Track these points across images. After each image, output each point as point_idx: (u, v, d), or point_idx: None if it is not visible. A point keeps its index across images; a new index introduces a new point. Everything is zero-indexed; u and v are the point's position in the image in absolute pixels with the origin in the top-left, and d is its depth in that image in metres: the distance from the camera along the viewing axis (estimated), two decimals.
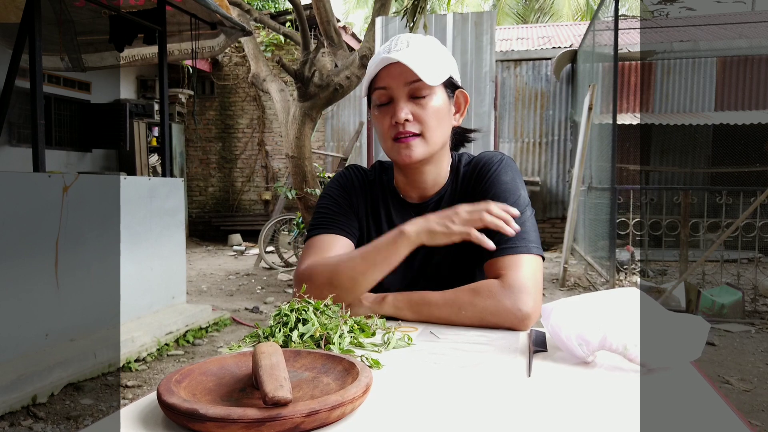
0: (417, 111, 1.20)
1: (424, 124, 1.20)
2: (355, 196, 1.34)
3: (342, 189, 1.34)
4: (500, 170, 1.25)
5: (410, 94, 1.20)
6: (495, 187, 1.23)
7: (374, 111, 1.25)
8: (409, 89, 1.19)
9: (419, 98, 1.20)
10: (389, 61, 1.17)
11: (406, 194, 1.33)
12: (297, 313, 1.04)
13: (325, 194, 1.36)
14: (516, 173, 1.27)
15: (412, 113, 1.19)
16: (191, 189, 11.20)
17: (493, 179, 1.24)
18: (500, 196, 1.22)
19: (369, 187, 1.36)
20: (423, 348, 1.01)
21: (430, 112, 1.20)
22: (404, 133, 1.19)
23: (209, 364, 0.81)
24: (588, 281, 6.66)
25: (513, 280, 1.12)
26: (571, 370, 0.88)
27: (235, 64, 10.85)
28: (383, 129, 1.23)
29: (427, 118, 1.20)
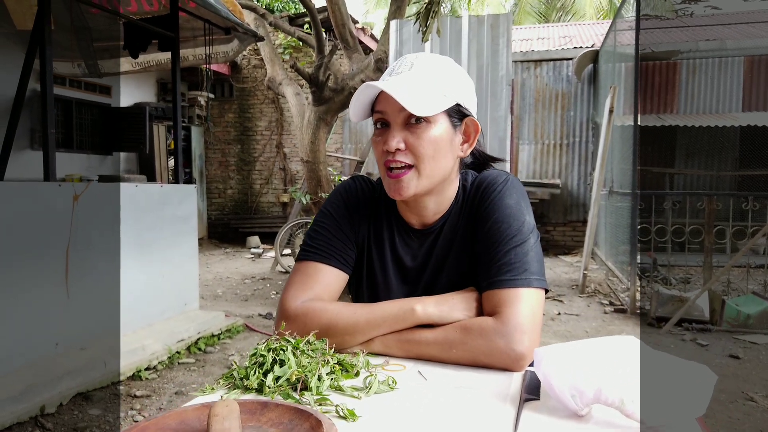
0: (411, 140, 1.11)
1: (417, 155, 1.11)
2: (358, 215, 1.25)
3: (345, 206, 1.25)
4: (504, 192, 1.17)
5: (405, 121, 1.11)
6: (498, 212, 1.15)
7: (374, 134, 1.18)
8: (404, 116, 1.11)
9: (416, 126, 1.11)
10: (373, 88, 1.10)
11: (408, 219, 1.24)
12: (274, 353, 0.99)
13: (325, 210, 1.26)
14: (521, 195, 1.18)
15: (405, 142, 1.11)
16: (210, 191, 11.27)
17: (496, 202, 1.16)
18: (503, 222, 1.14)
19: (374, 205, 1.27)
20: (406, 393, 0.94)
21: (425, 142, 1.11)
22: (395, 162, 1.11)
23: (168, 418, 0.76)
24: (609, 287, 6.51)
25: (508, 318, 1.05)
26: (562, 426, 0.81)
27: (254, 67, 10.88)
28: (377, 155, 1.16)
29: (421, 148, 1.10)
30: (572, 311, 5.47)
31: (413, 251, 1.24)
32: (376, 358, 1.11)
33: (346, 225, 1.24)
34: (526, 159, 10.28)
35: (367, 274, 1.27)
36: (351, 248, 1.24)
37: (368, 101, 1.14)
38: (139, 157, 9.65)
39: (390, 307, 1.12)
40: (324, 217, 1.25)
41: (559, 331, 4.76)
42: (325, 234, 1.22)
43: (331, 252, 1.20)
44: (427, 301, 1.11)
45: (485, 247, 1.14)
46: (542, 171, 10.25)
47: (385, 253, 1.25)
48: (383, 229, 1.26)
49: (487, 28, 4.91)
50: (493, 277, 1.10)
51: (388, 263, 1.25)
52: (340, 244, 1.22)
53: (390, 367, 1.06)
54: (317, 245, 1.21)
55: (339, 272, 1.21)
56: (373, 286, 1.26)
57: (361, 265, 1.26)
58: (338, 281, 1.21)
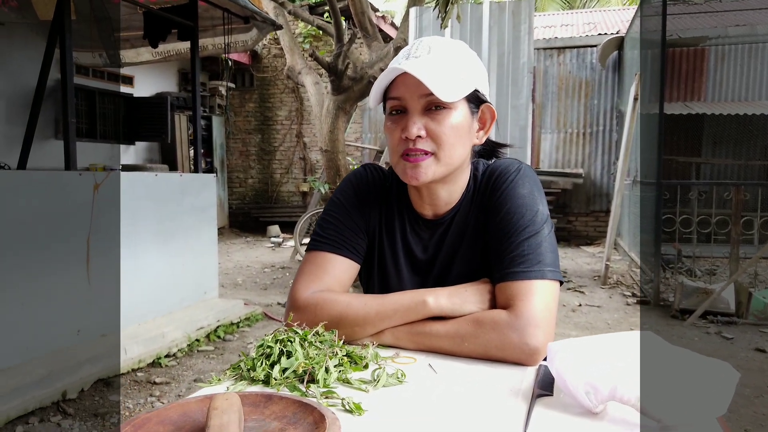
0: (432, 126, 1.07)
1: (438, 141, 1.08)
2: (368, 203, 1.23)
3: (355, 195, 1.23)
4: (517, 182, 1.13)
5: (426, 107, 1.08)
6: (510, 202, 1.12)
7: (387, 121, 1.13)
8: (426, 102, 1.07)
9: (436, 112, 1.08)
10: (399, 72, 1.06)
11: (419, 209, 1.22)
12: (281, 344, 0.97)
13: (336, 199, 1.24)
14: (534, 184, 1.15)
15: (426, 128, 1.07)
16: (231, 180, 11.34)
17: (509, 192, 1.13)
18: (516, 212, 1.10)
19: (385, 194, 1.24)
20: (415, 386, 0.92)
21: (446, 128, 1.08)
22: (414, 150, 1.08)
23: (170, 410, 0.75)
24: (632, 278, 6.41)
25: (521, 312, 1.02)
26: (576, 423, 0.78)
27: (274, 56, 10.88)
28: (393, 142, 1.11)
29: (442, 135, 1.07)
30: (593, 302, 5.40)
31: (424, 242, 1.22)
32: (387, 350, 1.09)
33: (356, 214, 1.21)
34: (548, 148, 10.14)
35: (378, 263, 1.24)
36: (362, 237, 1.21)
37: (384, 87, 1.11)
38: (161, 147, 9.74)
39: (401, 298, 1.09)
40: (334, 206, 1.22)
41: (579, 323, 4.70)
42: (335, 223, 1.20)
43: (341, 242, 1.18)
44: (439, 293, 1.09)
45: (498, 238, 1.11)
46: (565, 160, 10.11)
47: (396, 243, 1.22)
48: (395, 219, 1.23)
49: (509, 15, 4.82)
50: (506, 269, 1.07)
51: (399, 253, 1.22)
52: (350, 233, 1.20)
53: (400, 360, 1.04)
54: (327, 235, 1.19)
55: (350, 262, 1.19)
56: (384, 276, 1.24)
57: (372, 254, 1.24)
58: (349, 271, 1.19)
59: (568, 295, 5.71)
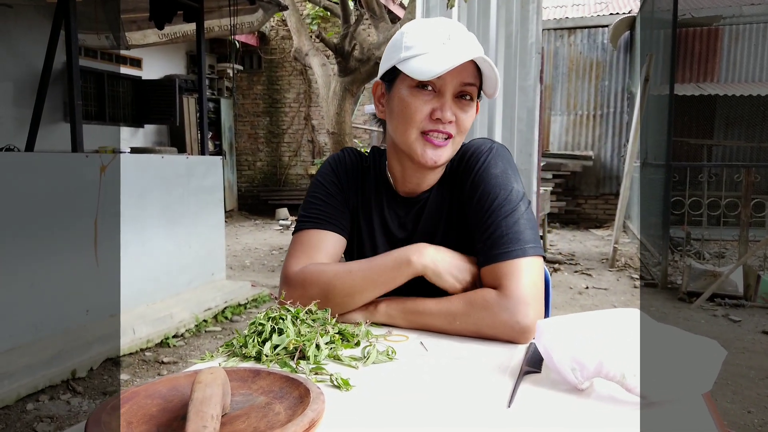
0: (459, 114, 1.10)
1: (460, 129, 1.11)
2: (348, 184, 1.25)
3: (335, 175, 1.25)
4: (489, 162, 1.15)
5: (458, 94, 1.09)
6: (484, 182, 1.13)
7: (402, 90, 1.10)
8: (461, 89, 1.09)
9: (466, 102, 1.10)
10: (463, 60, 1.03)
11: (398, 186, 1.23)
12: (273, 322, 0.98)
13: (317, 181, 1.26)
14: (507, 163, 1.16)
15: (455, 114, 1.10)
16: (240, 163, 11.36)
17: (483, 172, 1.14)
18: (491, 193, 1.12)
19: (363, 174, 1.27)
20: (406, 363, 0.93)
21: (470, 118, 1.12)
22: (443, 132, 1.10)
23: (159, 384, 0.76)
24: (640, 261, 6.38)
25: (511, 291, 1.03)
26: (561, 399, 0.79)
27: (282, 38, 10.82)
28: (415, 116, 1.09)
29: (464, 123, 1.11)
30: (601, 285, 5.39)
31: (401, 219, 1.24)
32: (380, 328, 1.10)
33: (337, 192, 1.24)
34: (558, 130, 10.06)
35: (357, 241, 1.27)
36: (345, 213, 1.24)
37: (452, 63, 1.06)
38: (170, 130, 9.77)
39: (384, 257, 1.11)
40: (316, 187, 1.25)
41: (585, 305, 4.70)
42: (318, 203, 1.22)
43: (326, 218, 1.20)
44: (423, 251, 1.09)
45: (476, 221, 1.13)
46: (574, 142, 10.03)
47: (373, 220, 1.25)
48: (372, 198, 1.25)
49: None
50: (488, 251, 1.09)
51: (376, 230, 1.25)
52: (333, 210, 1.21)
53: (392, 338, 1.05)
54: (312, 214, 1.21)
55: (337, 236, 1.20)
56: (361, 254, 1.26)
57: (352, 233, 1.26)
58: (337, 245, 1.20)
59: (575, 277, 5.70)
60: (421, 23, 1.12)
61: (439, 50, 1.06)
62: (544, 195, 6.49)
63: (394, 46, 1.12)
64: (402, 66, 1.08)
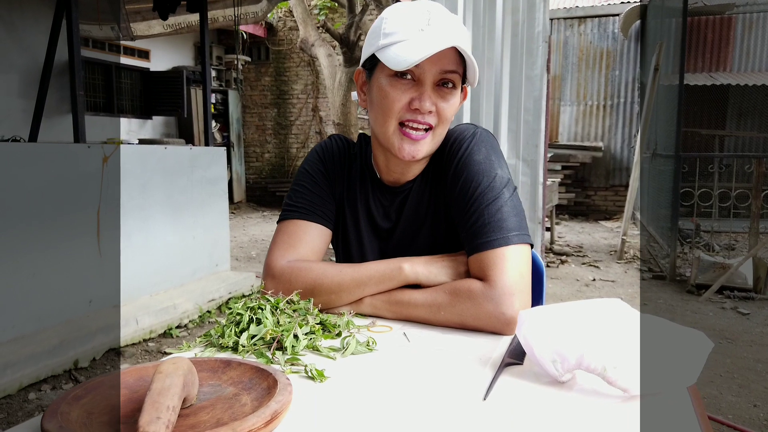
0: (440, 104, 1.06)
1: (441, 118, 1.07)
2: (335, 172, 1.22)
3: (322, 163, 1.22)
4: (472, 148, 1.11)
5: (438, 82, 1.05)
6: (467, 169, 1.10)
7: (381, 79, 1.07)
8: (441, 77, 1.04)
9: (447, 90, 1.06)
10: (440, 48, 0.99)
11: (384, 176, 1.21)
12: (252, 312, 0.96)
13: (303, 169, 1.23)
14: (491, 149, 1.13)
15: (435, 104, 1.05)
16: (248, 155, 11.37)
17: (465, 160, 1.11)
18: (473, 180, 1.09)
19: (349, 162, 1.24)
20: (385, 355, 0.91)
21: (451, 107, 1.07)
22: (421, 123, 1.06)
23: (126, 375, 0.74)
24: (649, 253, 6.32)
25: (495, 281, 1.00)
26: (540, 392, 0.76)
27: (290, 29, 10.78)
28: (392, 106, 1.06)
29: (446, 113, 1.07)
30: (608, 277, 5.33)
31: (385, 209, 1.22)
32: (365, 319, 1.08)
33: (324, 181, 1.21)
34: (567, 121, 9.96)
35: (341, 231, 1.25)
36: (331, 203, 1.21)
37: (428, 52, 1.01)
38: (179, 121, 9.78)
39: (377, 266, 1.09)
40: (302, 176, 1.22)
41: (591, 298, 4.64)
42: (304, 192, 1.19)
43: (311, 209, 1.18)
44: (415, 261, 1.08)
45: (459, 209, 1.10)
46: (584, 133, 9.93)
47: (358, 210, 1.22)
48: (357, 187, 1.23)
49: None
50: (472, 240, 1.06)
51: (360, 220, 1.23)
52: (319, 200, 1.19)
53: (376, 329, 1.03)
54: (297, 203, 1.18)
55: (322, 228, 1.18)
56: (345, 243, 1.25)
57: (337, 222, 1.24)
58: (322, 237, 1.18)
59: (582, 269, 5.65)
60: (401, 8, 1.07)
61: (417, 37, 1.01)
62: (552, 186, 6.43)
63: (374, 33, 1.08)
64: (380, 54, 1.04)
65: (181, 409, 0.68)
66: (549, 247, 6.54)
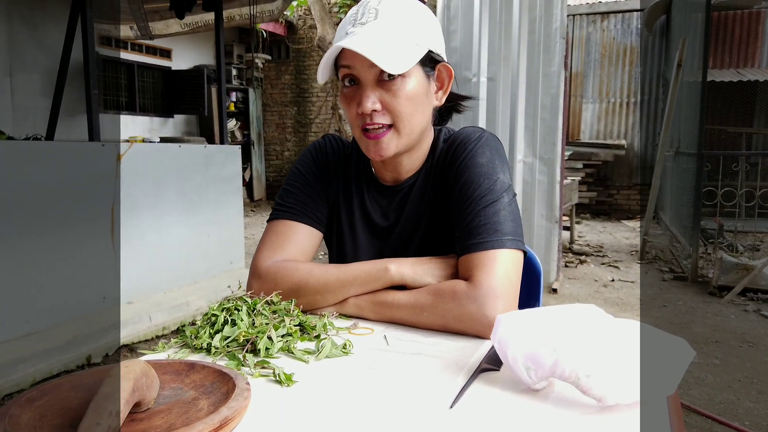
0: (387, 99, 1.02)
1: (395, 114, 1.03)
2: (328, 172, 1.20)
3: (315, 163, 1.20)
4: (476, 151, 1.08)
5: (378, 77, 1.01)
6: (468, 171, 1.07)
7: (341, 91, 1.08)
8: (377, 72, 1.01)
9: (390, 82, 1.01)
10: (337, 48, 1.00)
11: (380, 175, 1.19)
12: (227, 312, 0.95)
13: (296, 169, 1.22)
14: (495, 152, 1.09)
15: (381, 101, 1.01)
16: (268, 153, 11.43)
17: (468, 161, 1.08)
18: (473, 181, 1.06)
19: (344, 162, 1.22)
20: (360, 358, 0.89)
21: (402, 99, 1.02)
22: (372, 125, 1.03)
23: (86, 376, 0.73)
24: (671, 254, 6.19)
25: (480, 282, 0.97)
26: (512, 401, 0.73)
27: (310, 27, 10.80)
28: (350, 116, 1.06)
29: (398, 107, 1.02)
30: (628, 278, 5.23)
31: (383, 208, 1.19)
32: (347, 320, 1.05)
33: (316, 183, 1.19)
34: (589, 118, 9.81)
35: (336, 231, 1.22)
36: (323, 205, 1.19)
37: (333, 56, 1.04)
38: (200, 120, 9.87)
39: (363, 266, 1.07)
40: (294, 176, 1.20)
41: (610, 299, 4.57)
42: (296, 192, 1.18)
43: (302, 210, 1.16)
44: (402, 262, 1.06)
45: (457, 210, 1.07)
46: (607, 131, 9.77)
47: (353, 210, 1.20)
48: (353, 187, 1.20)
49: None
50: (465, 240, 1.03)
51: (356, 220, 1.20)
52: (311, 201, 1.17)
53: (357, 331, 1.01)
54: (288, 203, 1.17)
55: (311, 229, 1.16)
56: (340, 244, 1.22)
57: (332, 223, 1.22)
58: (311, 239, 1.16)
59: (601, 269, 5.56)
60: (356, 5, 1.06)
61: (344, 41, 0.99)
62: (572, 185, 6.33)
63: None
64: None
65: (136, 413, 0.66)
66: (568, 247, 6.44)
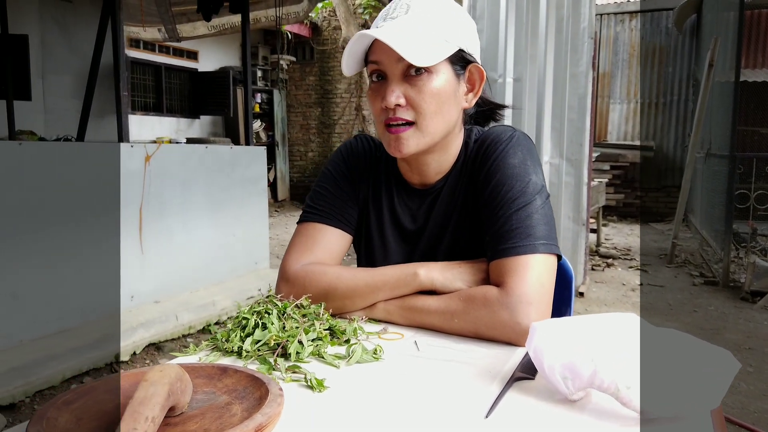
0: (411, 94, 1.00)
1: (419, 110, 1.01)
2: (358, 174, 1.19)
3: (345, 164, 1.19)
4: (508, 151, 1.06)
5: (405, 72, 1.00)
6: (500, 172, 1.04)
7: (370, 86, 1.08)
8: (404, 66, 0.99)
9: (416, 77, 1.00)
10: (369, 38, 1.00)
11: (409, 178, 1.17)
12: (258, 316, 0.95)
13: (326, 170, 1.21)
14: (528, 153, 1.07)
15: (405, 96, 1.00)
16: (292, 154, 11.50)
17: (499, 162, 1.05)
18: (505, 184, 1.03)
19: (375, 164, 1.21)
20: (392, 364, 0.87)
21: (427, 95, 1.00)
22: (395, 120, 1.01)
23: (124, 379, 0.73)
24: (701, 258, 6.06)
25: (512, 289, 0.95)
26: (549, 411, 0.72)
27: (334, 29, 10.83)
28: (375, 111, 1.05)
29: (423, 103, 1.00)
30: (657, 282, 5.14)
31: (412, 211, 1.17)
32: (377, 325, 1.04)
33: (346, 185, 1.18)
34: (617, 119, 9.67)
35: (365, 234, 1.21)
36: (353, 208, 1.18)
37: (362, 51, 1.03)
38: (225, 121, 9.97)
39: (392, 271, 1.05)
40: (325, 177, 1.19)
41: (638, 303, 4.49)
42: (326, 194, 1.17)
43: (332, 212, 1.15)
44: (431, 266, 1.04)
45: (488, 212, 1.05)
46: (635, 132, 9.62)
47: (383, 212, 1.18)
48: (382, 189, 1.19)
49: None
50: (496, 245, 1.01)
51: (385, 223, 1.18)
52: (341, 203, 1.16)
53: (387, 336, 1.00)
54: (318, 206, 1.16)
55: (341, 233, 1.15)
56: (369, 247, 1.20)
57: (360, 225, 1.20)
58: (341, 242, 1.15)
59: (629, 273, 5.47)
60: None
61: (369, 31, 0.99)
62: (599, 187, 6.24)
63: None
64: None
65: (170, 418, 0.66)
66: (595, 250, 6.35)
